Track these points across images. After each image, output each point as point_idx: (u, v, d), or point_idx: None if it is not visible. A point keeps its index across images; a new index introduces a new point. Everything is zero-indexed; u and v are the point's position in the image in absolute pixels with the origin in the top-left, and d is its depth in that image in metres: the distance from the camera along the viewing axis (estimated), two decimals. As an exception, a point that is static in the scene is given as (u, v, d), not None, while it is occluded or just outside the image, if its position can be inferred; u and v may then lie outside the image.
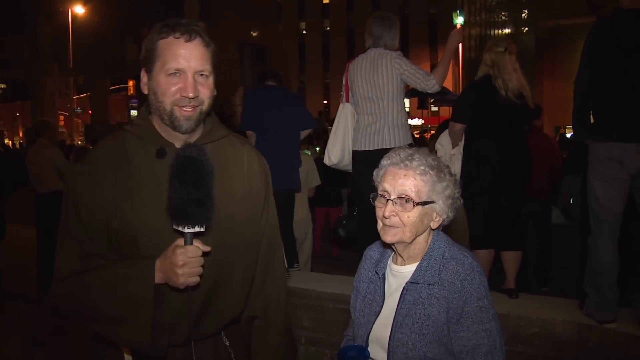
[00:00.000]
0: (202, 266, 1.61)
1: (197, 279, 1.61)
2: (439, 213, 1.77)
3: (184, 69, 1.64)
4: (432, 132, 18.01)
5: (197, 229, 1.56)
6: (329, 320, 3.96)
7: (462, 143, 4.11)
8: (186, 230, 1.55)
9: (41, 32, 29.16)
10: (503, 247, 3.94)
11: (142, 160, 1.72)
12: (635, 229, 3.54)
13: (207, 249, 1.62)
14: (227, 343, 1.89)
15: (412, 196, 1.72)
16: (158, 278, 1.63)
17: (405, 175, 1.73)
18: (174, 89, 1.65)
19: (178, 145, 1.72)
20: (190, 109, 1.67)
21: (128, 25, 31.16)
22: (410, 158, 1.75)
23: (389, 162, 1.79)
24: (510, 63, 3.89)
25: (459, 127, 4.05)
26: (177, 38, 1.64)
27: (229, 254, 1.78)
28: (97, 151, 1.76)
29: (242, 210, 1.82)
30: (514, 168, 3.89)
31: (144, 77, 1.71)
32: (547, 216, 6.22)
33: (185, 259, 1.57)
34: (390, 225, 1.75)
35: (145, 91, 1.71)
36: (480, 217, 3.92)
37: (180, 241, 1.59)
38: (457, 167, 4.03)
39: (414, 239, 1.78)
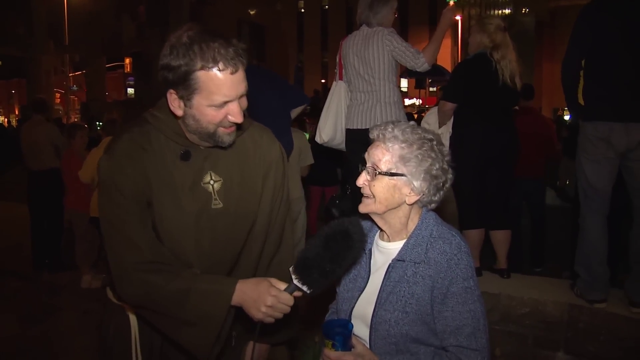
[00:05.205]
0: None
1: (272, 320, 1.63)
2: (413, 188, 1.71)
3: (231, 99, 1.60)
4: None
5: (304, 289, 1.57)
6: (320, 300, 3.96)
7: (450, 122, 4.06)
8: (296, 283, 1.57)
9: (36, 9, 28.81)
10: (492, 226, 3.93)
11: (168, 159, 1.72)
12: (624, 209, 3.56)
13: (291, 303, 1.62)
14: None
15: (378, 165, 1.71)
16: (234, 300, 1.64)
17: (377, 145, 1.73)
18: (221, 116, 1.61)
19: (203, 147, 1.73)
20: (233, 127, 1.67)
21: (124, 3, 30.77)
22: (384, 130, 1.74)
23: (371, 135, 1.79)
24: (511, 44, 3.85)
25: (450, 106, 3.98)
26: (222, 70, 1.55)
27: (240, 240, 1.83)
28: (125, 143, 1.71)
29: (258, 203, 1.86)
30: (503, 149, 3.88)
31: (177, 101, 1.62)
32: (542, 197, 6.21)
33: (275, 302, 1.59)
34: (364, 196, 1.77)
35: (180, 114, 1.64)
36: (469, 197, 3.90)
37: (280, 284, 1.62)
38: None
39: (387, 212, 1.74)
